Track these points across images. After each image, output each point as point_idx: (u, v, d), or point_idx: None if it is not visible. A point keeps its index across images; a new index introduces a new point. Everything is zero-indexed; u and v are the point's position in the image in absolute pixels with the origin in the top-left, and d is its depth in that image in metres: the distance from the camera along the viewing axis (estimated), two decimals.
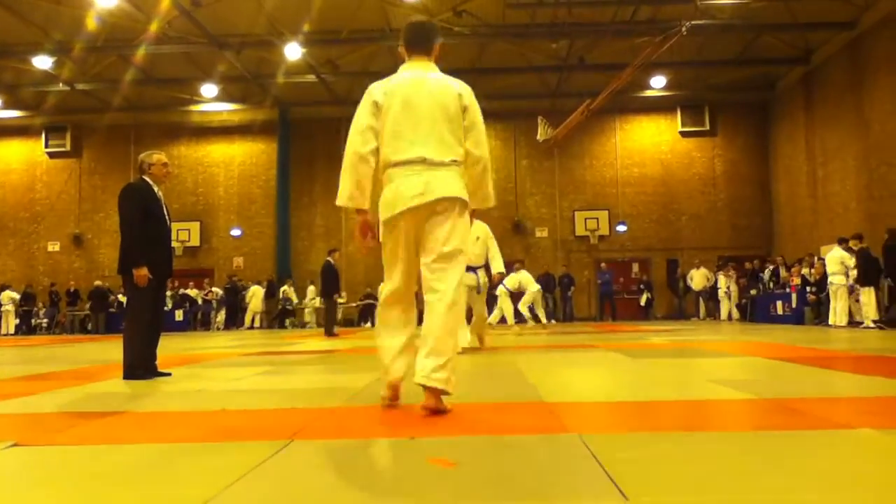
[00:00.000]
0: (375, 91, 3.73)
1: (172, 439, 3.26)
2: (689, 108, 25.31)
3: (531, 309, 17.42)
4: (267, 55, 21.64)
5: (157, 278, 5.94)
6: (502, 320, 16.20)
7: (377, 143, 3.64)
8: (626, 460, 2.50)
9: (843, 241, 14.87)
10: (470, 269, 8.01)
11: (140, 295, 5.91)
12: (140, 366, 5.91)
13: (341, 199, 3.77)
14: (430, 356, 3.47)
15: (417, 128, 3.59)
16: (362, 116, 3.69)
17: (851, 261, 14.27)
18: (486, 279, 8.95)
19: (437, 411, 3.52)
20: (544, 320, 17.71)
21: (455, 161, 3.64)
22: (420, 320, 3.69)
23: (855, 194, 19.60)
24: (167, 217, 6.20)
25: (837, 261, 14.44)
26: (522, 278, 16.25)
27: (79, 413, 4.15)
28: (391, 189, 3.63)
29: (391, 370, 3.76)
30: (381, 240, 3.78)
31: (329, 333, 14.48)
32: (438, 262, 3.57)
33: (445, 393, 3.52)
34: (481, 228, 8.45)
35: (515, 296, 16.34)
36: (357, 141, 3.66)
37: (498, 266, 8.53)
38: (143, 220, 5.89)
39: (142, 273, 5.78)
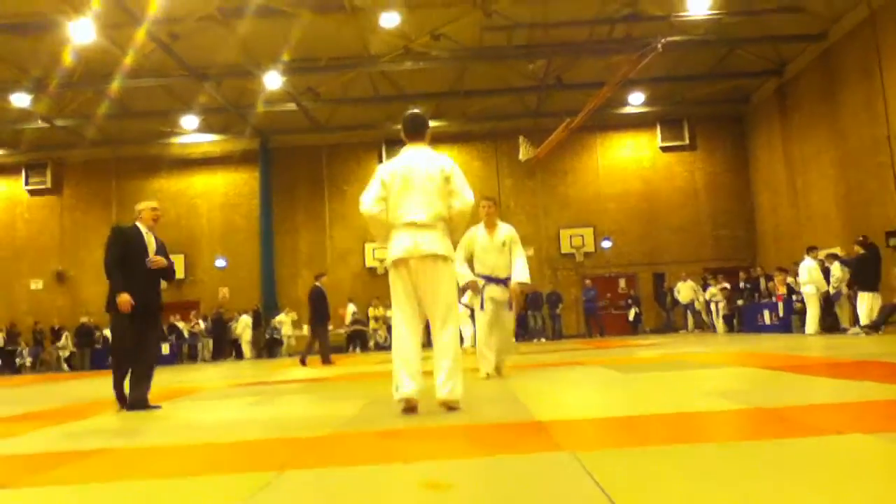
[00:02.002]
0: (383, 172, 4.99)
1: (161, 475, 3.22)
2: (669, 123, 25.54)
3: None
4: (247, 85, 21.67)
5: (134, 314, 6.28)
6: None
7: (384, 207, 4.88)
8: (620, 476, 2.49)
9: (811, 250, 15.18)
10: (497, 280, 7.48)
11: (118, 326, 6.45)
12: (120, 397, 6.31)
13: (375, 240, 5.24)
14: (446, 380, 4.64)
15: (411, 200, 4.78)
16: (373, 190, 4.95)
17: (817, 270, 14.56)
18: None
19: (452, 409, 4.63)
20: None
21: (439, 220, 4.80)
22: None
23: (834, 202, 19.79)
24: (157, 256, 6.54)
25: (806, 270, 14.73)
26: None
27: (65, 452, 4.09)
28: (392, 244, 4.81)
29: (402, 389, 4.66)
30: (390, 280, 4.87)
31: (325, 361, 14.06)
32: (439, 319, 4.76)
33: (457, 407, 4.67)
34: (506, 232, 7.62)
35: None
36: (371, 207, 4.91)
37: (519, 274, 7.40)
38: (122, 260, 6.35)
39: (123, 299, 6.19)
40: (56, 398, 9.00)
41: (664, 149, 25.76)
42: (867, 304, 13.55)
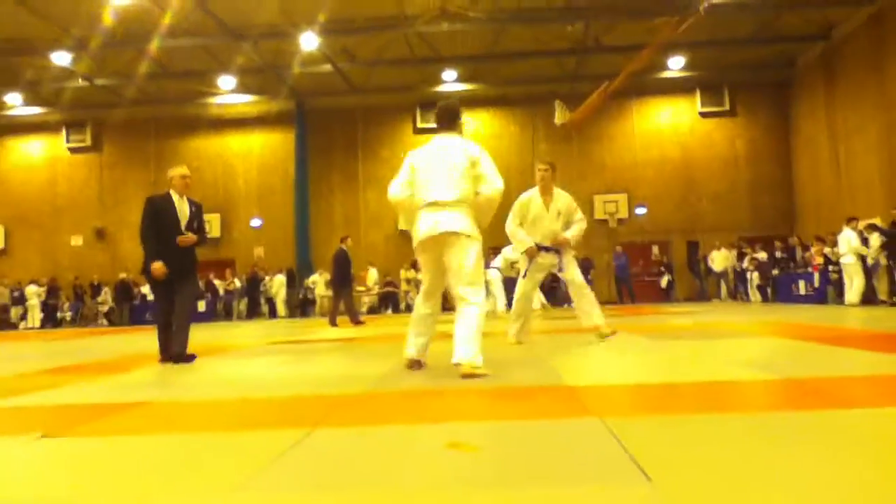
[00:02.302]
0: (412, 158, 5.17)
1: (198, 429, 3.31)
2: (709, 89, 25.05)
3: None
4: (283, 46, 21.65)
5: (167, 277, 6.62)
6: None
7: (411, 192, 5.08)
8: (648, 443, 2.50)
9: (851, 221, 14.86)
10: (548, 249, 7.27)
11: (154, 291, 6.94)
12: (164, 349, 6.63)
13: (402, 225, 5.65)
14: (463, 346, 4.70)
15: (436, 182, 4.95)
16: (401, 175, 5.15)
17: (857, 240, 14.32)
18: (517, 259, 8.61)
19: (474, 376, 4.59)
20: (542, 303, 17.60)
21: (463, 201, 4.92)
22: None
23: (878, 172, 19.35)
24: (186, 222, 6.83)
25: (846, 241, 14.48)
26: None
27: (105, 404, 4.21)
28: (417, 226, 5.01)
29: (407, 350, 5.23)
30: (416, 256, 5.21)
31: (354, 321, 14.22)
32: (464, 287, 4.86)
33: (477, 373, 4.62)
34: (563, 200, 7.37)
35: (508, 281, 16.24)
36: (398, 192, 5.15)
37: (568, 232, 7.28)
38: (152, 227, 6.71)
39: (155, 268, 6.56)
40: (97, 352, 9.23)
41: (703, 115, 25.32)
42: None
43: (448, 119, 5.29)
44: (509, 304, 13.79)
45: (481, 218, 5.10)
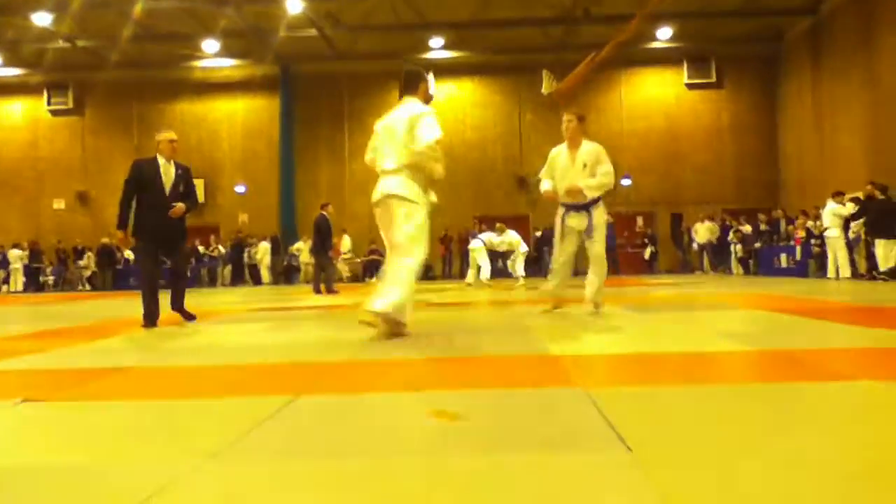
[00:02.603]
0: (377, 125, 5.49)
1: (180, 395, 3.30)
2: (696, 61, 25.02)
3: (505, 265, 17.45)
4: (267, 9, 21.37)
5: (152, 241, 6.81)
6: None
7: (373, 157, 5.45)
8: (630, 413, 2.52)
9: (837, 195, 14.91)
10: (577, 207, 6.69)
11: (137, 255, 7.54)
12: (147, 315, 6.66)
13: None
14: (380, 296, 4.92)
15: (385, 150, 5.29)
16: (370, 141, 5.50)
17: (846, 211, 14.37)
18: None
19: (369, 324, 4.94)
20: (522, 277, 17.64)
21: (404, 167, 5.16)
22: None
23: (861, 148, 19.44)
24: (171, 186, 6.84)
25: (830, 214, 14.55)
26: (512, 240, 16.22)
27: (88, 369, 4.19)
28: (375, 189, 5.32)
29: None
30: None
31: (329, 290, 14.10)
32: (398, 243, 5.13)
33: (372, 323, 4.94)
34: (589, 152, 6.82)
35: (491, 253, 16.39)
36: (366, 157, 5.56)
37: (588, 183, 6.68)
38: (136, 191, 6.75)
39: (118, 236, 7.01)
40: (79, 317, 9.19)
41: (690, 86, 25.31)
42: (883, 251, 13.51)
43: (408, 84, 5.52)
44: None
45: (431, 171, 5.25)
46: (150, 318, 6.62)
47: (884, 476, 1.81)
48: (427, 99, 5.54)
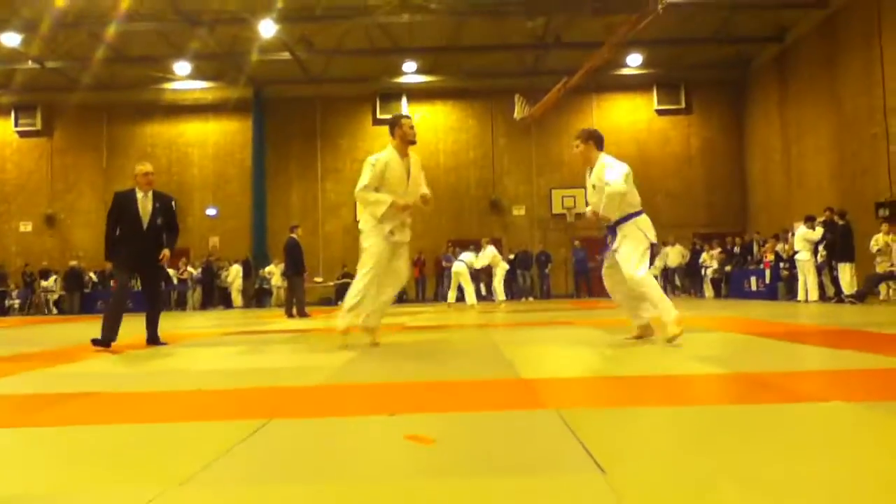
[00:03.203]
0: None
1: (149, 420, 3.24)
2: (666, 87, 25.42)
3: (489, 285, 17.61)
4: (240, 32, 21.37)
5: (130, 268, 7.14)
6: (461, 299, 16.27)
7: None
8: (602, 435, 2.52)
9: (809, 220, 15.13)
10: (611, 228, 6.22)
11: (118, 281, 7.34)
12: (106, 336, 6.69)
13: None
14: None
15: None
16: None
17: (817, 235, 14.58)
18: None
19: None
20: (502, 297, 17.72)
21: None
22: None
23: (828, 171, 19.80)
24: (149, 218, 7.07)
25: (802, 238, 14.76)
26: (494, 255, 16.35)
27: (55, 394, 4.11)
28: None
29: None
30: None
31: (301, 314, 13.99)
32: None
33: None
34: (596, 173, 6.37)
35: (474, 273, 16.58)
36: None
37: (599, 206, 6.21)
38: (117, 223, 7.04)
39: (108, 264, 7.20)
40: (46, 341, 9.02)
41: (660, 112, 25.68)
42: (847, 274, 13.78)
43: (390, 132, 6.25)
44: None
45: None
46: (106, 340, 6.64)
47: (856, 496, 1.82)
48: (405, 142, 6.18)
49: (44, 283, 24.28)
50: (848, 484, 1.93)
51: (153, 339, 7.22)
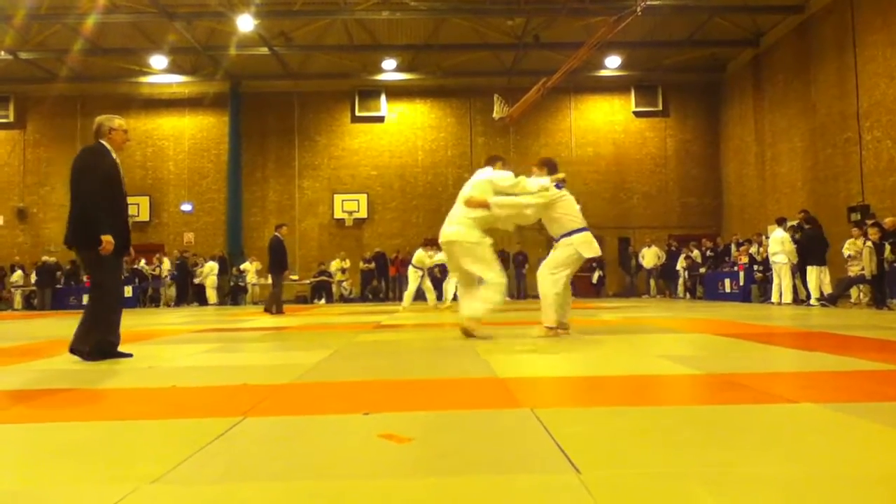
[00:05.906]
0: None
1: (122, 416, 3.21)
2: (643, 89, 25.59)
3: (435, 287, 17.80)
4: (218, 26, 21.20)
5: (118, 253, 5.48)
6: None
7: None
8: (577, 434, 2.54)
9: (781, 222, 15.30)
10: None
11: (109, 268, 5.44)
12: (108, 344, 5.46)
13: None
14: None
15: None
16: None
17: (789, 242, 14.75)
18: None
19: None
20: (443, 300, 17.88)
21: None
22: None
23: (801, 175, 20.05)
24: (124, 187, 5.69)
25: (778, 241, 14.91)
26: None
27: (26, 391, 4.06)
28: None
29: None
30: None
31: (278, 311, 13.97)
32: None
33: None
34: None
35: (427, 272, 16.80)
36: None
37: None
38: (106, 187, 5.41)
39: (108, 240, 5.25)
40: (18, 337, 8.90)
41: (637, 114, 25.82)
42: (816, 278, 13.95)
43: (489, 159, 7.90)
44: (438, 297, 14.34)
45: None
46: (115, 344, 5.55)
47: (824, 495, 1.84)
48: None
49: (12, 279, 23.93)
50: (816, 483, 1.95)
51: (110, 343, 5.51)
